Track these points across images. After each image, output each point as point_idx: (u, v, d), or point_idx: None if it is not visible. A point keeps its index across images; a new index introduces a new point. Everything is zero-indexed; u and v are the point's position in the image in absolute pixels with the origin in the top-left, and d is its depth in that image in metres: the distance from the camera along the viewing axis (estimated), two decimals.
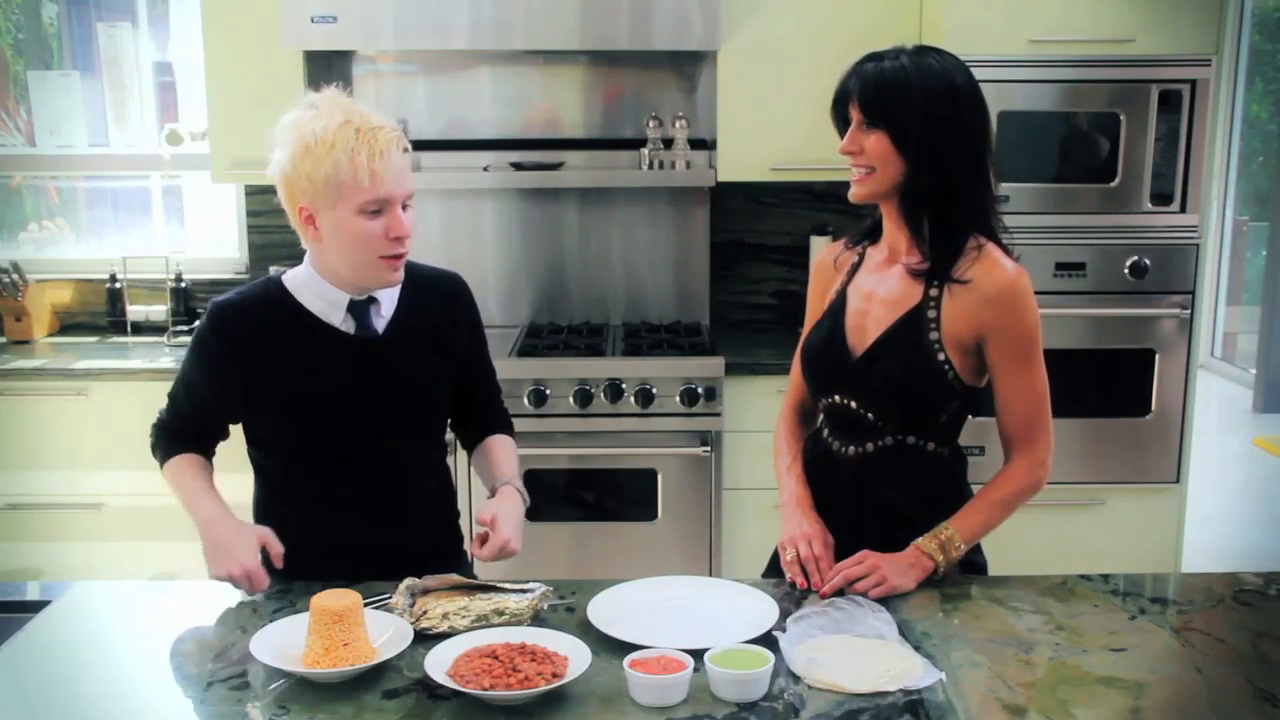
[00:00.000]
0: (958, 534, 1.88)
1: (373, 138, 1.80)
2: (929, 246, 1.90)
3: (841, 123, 1.93)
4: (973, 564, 2.02)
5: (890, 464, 1.97)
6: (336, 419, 1.95)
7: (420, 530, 2.06)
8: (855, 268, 2.05)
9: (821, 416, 2.08)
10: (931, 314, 1.90)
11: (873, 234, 2.04)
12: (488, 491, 2.07)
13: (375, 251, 1.86)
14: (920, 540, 1.88)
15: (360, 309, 1.95)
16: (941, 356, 1.90)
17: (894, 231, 1.96)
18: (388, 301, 1.98)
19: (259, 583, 1.83)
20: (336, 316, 1.94)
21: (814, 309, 2.11)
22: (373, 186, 1.81)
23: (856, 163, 1.90)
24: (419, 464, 2.06)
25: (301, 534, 1.94)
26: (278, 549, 1.88)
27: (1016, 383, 1.90)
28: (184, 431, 2.02)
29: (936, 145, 1.85)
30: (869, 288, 2.00)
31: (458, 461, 2.32)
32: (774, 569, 2.10)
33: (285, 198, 1.88)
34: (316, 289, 1.94)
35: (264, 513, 2.04)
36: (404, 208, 1.87)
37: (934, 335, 1.90)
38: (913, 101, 1.84)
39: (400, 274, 1.92)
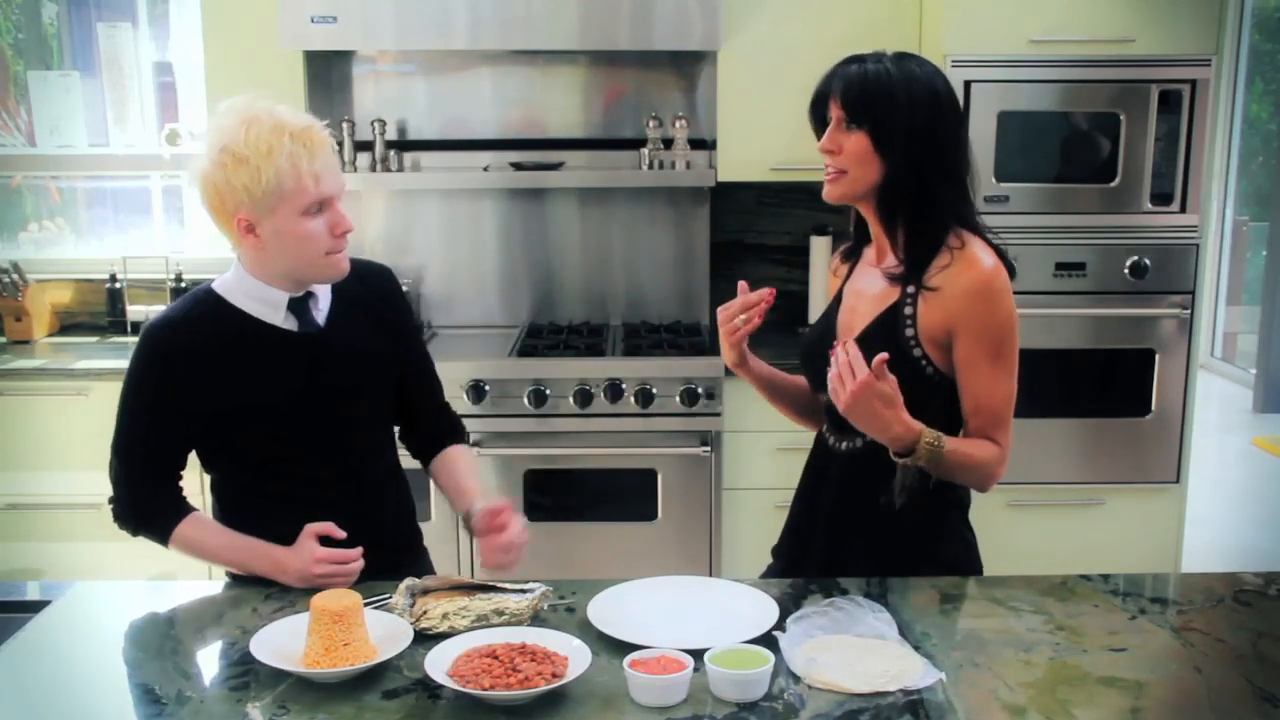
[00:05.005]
0: (943, 436, 1.83)
1: (308, 139, 1.82)
2: (903, 251, 1.92)
3: (819, 123, 1.96)
4: (972, 566, 2.01)
5: (880, 459, 1.96)
6: (294, 416, 1.94)
7: (381, 523, 2.04)
8: (852, 268, 2.09)
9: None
10: (908, 310, 1.91)
11: (858, 245, 2.07)
12: (458, 512, 2.07)
13: (321, 249, 1.87)
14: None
15: (300, 305, 1.94)
16: (918, 352, 1.91)
17: (876, 232, 1.99)
18: (323, 295, 1.98)
19: (347, 563, 1.86)
20: (277, 316, 1.93)
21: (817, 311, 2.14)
22: (316, 189, 1.83)
23: (831, 163, 1.92)
24: (374, 455, 2.06)
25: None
26: (339, 534, 1.88)
27: (982, 381, 1.88)
28: (149, 484, 1.97)
29: (917, 149, 1.87)
30: (860, 285, 2.03)
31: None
32: (773, 571, 2.12)
33: (217, 210, 1.86)
34: (252, 291, 1.92)
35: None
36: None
37: (910, 331, 1.91)
38: (898, 104, 1.86)
39: (346, 266, 1.92)
